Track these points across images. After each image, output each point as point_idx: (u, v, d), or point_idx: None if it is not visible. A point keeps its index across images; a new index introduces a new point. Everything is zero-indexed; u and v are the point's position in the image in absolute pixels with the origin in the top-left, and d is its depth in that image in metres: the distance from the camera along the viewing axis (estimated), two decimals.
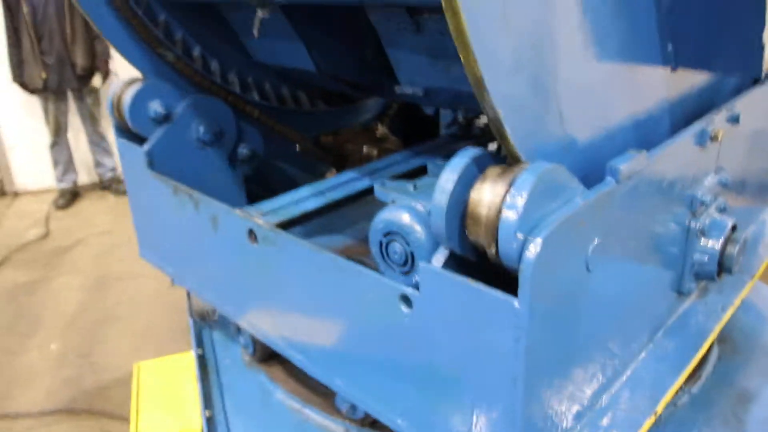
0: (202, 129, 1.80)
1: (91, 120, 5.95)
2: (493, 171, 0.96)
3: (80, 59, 5.48)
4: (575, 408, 1.16)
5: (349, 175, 1.78)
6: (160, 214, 1.75)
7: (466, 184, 0.97)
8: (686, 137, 1.31)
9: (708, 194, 1.45)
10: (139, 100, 1.70)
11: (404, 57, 1.60)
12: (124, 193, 5.95)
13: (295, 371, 1.76)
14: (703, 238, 1.48)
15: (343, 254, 1.56)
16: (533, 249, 0.88)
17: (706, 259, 1.48)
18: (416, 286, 1.08)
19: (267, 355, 1.83)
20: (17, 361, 3.55)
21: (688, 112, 1.54)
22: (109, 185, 6.27)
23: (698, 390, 1.69)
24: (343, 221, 1.73)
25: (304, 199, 1.60)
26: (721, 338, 1.75)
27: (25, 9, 5.24)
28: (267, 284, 1.46)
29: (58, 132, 5.81)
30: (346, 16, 1.74)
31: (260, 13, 1.50)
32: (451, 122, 2.26)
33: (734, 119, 1.48)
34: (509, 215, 0.89)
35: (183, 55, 1.89)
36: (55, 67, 5.42)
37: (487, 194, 0.93)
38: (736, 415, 1.63)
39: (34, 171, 6.26)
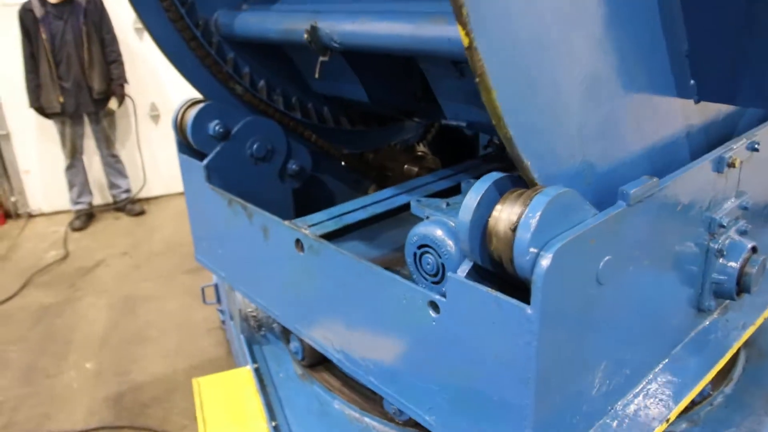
0: (255, 146, 1.98)
1: (106, 142, 6.08)
2: (512, 193, 1.08)
3: (97, 84, 5.65)
4: (587, 412, 1.26)
5: (389, 191, 1.92)
6: (216, 223, 1.93)
7: (488, 204, 1.09)
8: (703, 164, 1.39)
9: (727, 217, 1.53)
10: (200, 119, 1.90)
11: (449, 97, 1.75)
12: (138, 214, 6.22)
13: (348, 381, 1.87)
14: (722, 259, 1.55)
15: (380, 264, 1.72)
16: (544, 263, 1.00)
17: (724, 279, 1.55)
18: (444, 294, 1.21)
19: (316, 360, 1.96)
20: (54, 381, 3.55)
21: (712, 139, 1.62)
22: (123, 206, 6.31)
23: (731, 391, 1.80)
24: (383, 234, 1.87)
25: (347, 212, 1.75)
26: (747, 343, 1.82)
27: (43, 36, 5.41)
28: (312, 290, 1.61)
29: (74, 155, 5.91)
30: (398, 58, 1.90)
31: (321, 58, 1.67)
32: (487, 144, 2.38)
33: (754, 147, 1.55)
34: (523, 232, 1.01)
35: (249, 87, 2.09)
36: (73, 92, 5.57)
37: (505, 213, 1.06)
38: (767, 414, 1.72)
39: (49, 193, 6.38)
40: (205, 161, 1.89)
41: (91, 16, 5.60)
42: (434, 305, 1.23)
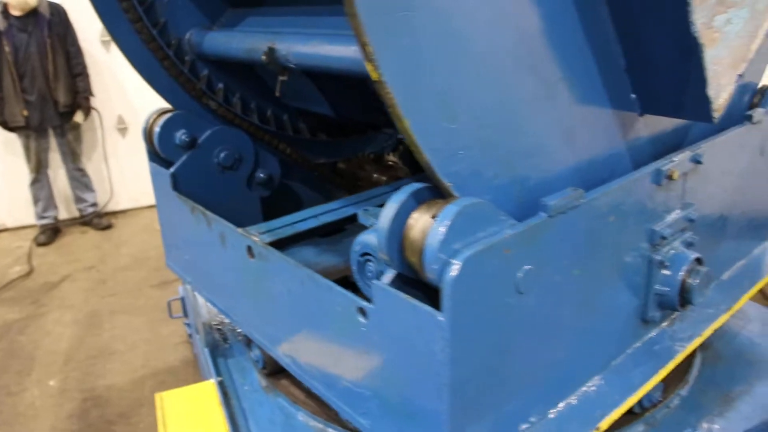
0: (223, 155, 2.04)
1: (72, 156, 5.92)
2: (428, 203, 1.12)
3: (62, 97, 5.53)
4: (512, 421, 1.28)
5: (345, 201, 1.96)
6: (182, 229, 1.99)
7: (405, 213, 1.13)
8: (637, 176, 1.42)
9: (670, 229, 1.55)
10: (167, 129, 1.96)
11: None
12: (105, 228, 6.09)
13: (312, 392, 1.84)
14: (664, 270, 1.57)
15: (336, 272, 1.75)
16: (452, 271, 1.03)
17: (667, 290, 1.57)
18: (371, 301, 1.25)
19: (277, 368, 1.97)
20: (17, 399, 3.45)
21: (660, 151, 1.63)
22: (90, 220, 6.16)
23: (687, 393, 1.85)
24: (344, 242, 1.91)
25: (300, 221, 1.79)
26: (704, 346, 1.86)
27: (7, 48, 5.29)
28: (262, 296, 1.65)
29: (39, 169, 5.76)
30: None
31: (280, 77, 1.72)
32: None
33: (697, 160, 1.57)
34: (432, 240, 1.04)
35: (224, 102, 2.16)
36: (37, 105, 5.44)
37: (419, 222, 1.09)
38: (722, 414, 1.78)
39: (13, 208, 6.23)
40: (172, 169, 1.95)
41: (56, 29, 5.49)
42: (363, 311, 1.27)
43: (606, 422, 1.39)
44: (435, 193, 1.16)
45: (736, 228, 1.93)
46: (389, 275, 1.21)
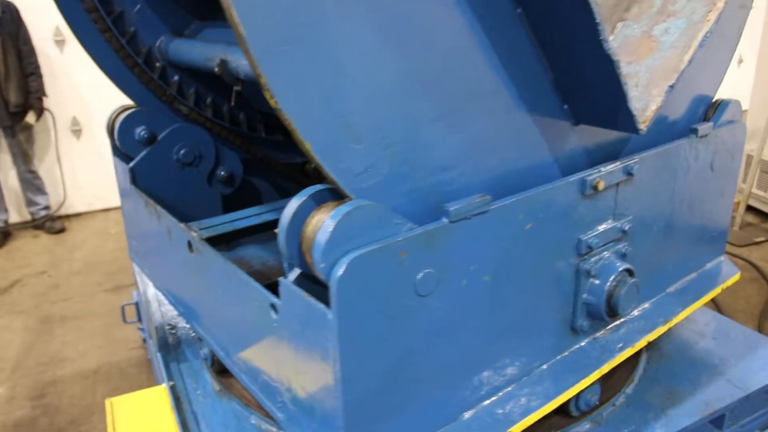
0: (183, 152, 2.09)
1: (23, 158, 5.77)
2: (327, 205, 1.15)
3: (13, 96, 5.40)
4: (418, 422, 1.30)
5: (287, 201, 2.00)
6: (140, 223, 2.05)
7: (304, 213, 1.16)
8: (559, 185, 1.43)
9: (598, 239, 1.56)
10: (127, 125, 2.02)
11: None
12: (58, 232, 5.93)
13: None
14: (591, 280, 1.58)
15: (272, 268, 1.79)
16: (339, 270, 1.07)
17: (594, 299, 1.58)
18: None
19: (224, 366, 2.02)
20: None
21: (597, 160, 1.63)
22: (42, 224, 5.96)
23: (632, 391, 1.91)
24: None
25: (242, 218, 1.84)
26: (650, 345, 1.90)
27: None
28: (201, 290, 1.70)
29: None
30: None
31: (235, 87, 1.77)
32: None
33: (629, 171, 1.58)
34: (320, 240, 1.08)
35: (194, 107, 2.22)
36: None
37: (313, 221, 1.13)
38: (665, 411, 1.83)
39: None
40: (131, 164, 2.01)
41: (7, 27, 5.31)
42: (274, 307, 1.30)
43: (517, 428, 1.41)
44: (337, 196, 1.20)
45: (685, 242, 1.93)
46: (294, 273, 1.25)
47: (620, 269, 1.58)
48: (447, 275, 1.24)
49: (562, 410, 1.70)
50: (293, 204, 1.16)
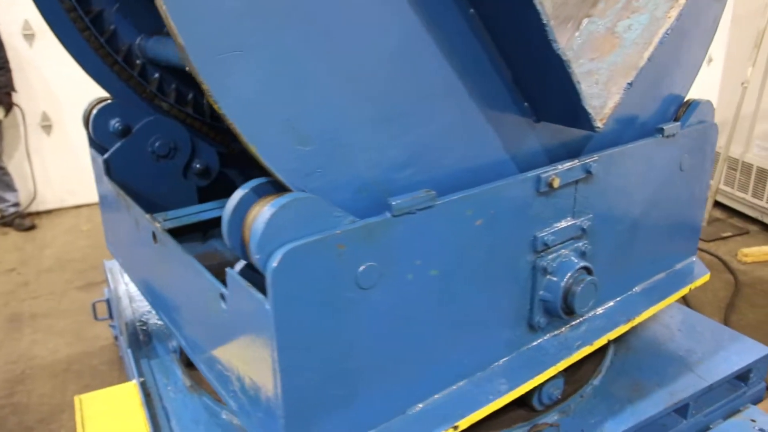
0: (157, 144, 2.12)
1: None
2: (268, 196, 1.17)
3: None
4: (363, 414, 1.32)
5: None
6: (113, 213, 2.08)
7: (246, 205, 1.18)
8: (511, 181, 1.44)
9: (555, 236, 1.56)
10: (101, 117, 2.05)
11: None
12: (28, 229, 5.77)
13: None
14: (548, 277, 1.59)
15: (231, 259, 1.80)
16: (273, 261, 1.08)
17: (550, 296, 1.59)
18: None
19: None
20: None
21: (558, 158, 1.63)
22: (11, 221, 5.77)
23: (599, 383, 1.96)
24: None
25: (208, 210, 1.86)
26: (617, 338, 1.92)
27: None
28: (164, 279, 1.72)
29: None
30: None
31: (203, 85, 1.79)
32: None
33: (587, 170, 1.58)
34: (256, 231, 1.10)
35: (175, 103, 2.25)
36: None
37: (252, 213, 1.14)
38: (631, 401, 1.88)
39: None
40: (105, 156, 2.04)
41: None
42: (223, 297, 1.32)
43: (465, 421, 1.42)
44: (279, 188, 1.21)
45: (653, 242, 1.93)
46: (240, 264, 1.27)
47: (578, 267, 1.59)
48: (390, 269, 1.26)
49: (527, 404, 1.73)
50: (236, 196, 1.18)
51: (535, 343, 1.65)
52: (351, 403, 1.30)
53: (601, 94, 1.52)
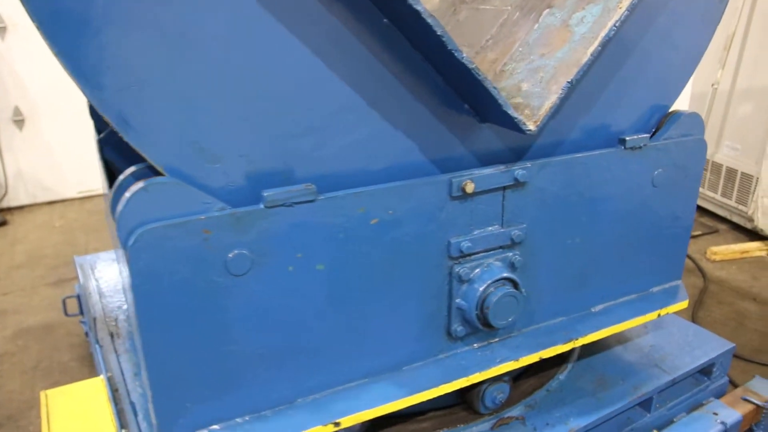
0: None
1: None
2: (141, 181, 1.24)
3: None
4: (242, 403, 1.35)
5: None
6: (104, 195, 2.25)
7: (124, 189, 1.25)
8: (414, 183, 1.40)
9: (472, 243, 1.51)
10: None
11: None
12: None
13: None
14: (465, 286, 1.54)
15: None
16: (130, 240, 1.15)
17: (465, 305, 1.54)
18: None
19: None
20: None
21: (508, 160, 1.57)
22: None
23: (565, 377, 2.02)
24: None
25: None
26: None
27: None
28: None
29: None
30: None
31: None
32: None
33: (515, 178, 1.51)
34: (118, 211, 1.17)
35: None
36: None
37: (124, 196, 1.22)
38: (596, 395, 1.94)
39: None
40: (99, 136, 2.21)
41: None
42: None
43: (348, 420, 1.42)
44: (156, 173, 1.26)
45: (618, 262, 1.80)
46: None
47: (497, 278, 1.52)
48: (265, 259, 1.28)
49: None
50: (118, 180, 1.26)
51: (453, 352, 1.60)
52: (231, 387, 1.34)
53: (542, 93, 1.44)
